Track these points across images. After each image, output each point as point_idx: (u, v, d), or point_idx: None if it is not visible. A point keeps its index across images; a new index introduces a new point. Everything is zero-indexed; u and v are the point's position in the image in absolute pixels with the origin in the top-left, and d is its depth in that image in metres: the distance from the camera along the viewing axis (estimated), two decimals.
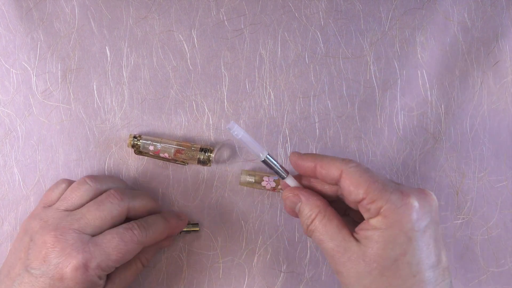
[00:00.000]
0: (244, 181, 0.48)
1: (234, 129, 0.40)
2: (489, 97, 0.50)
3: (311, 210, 0.40)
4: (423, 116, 0.50)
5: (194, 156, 0.48)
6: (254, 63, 0.50)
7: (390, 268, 0.37)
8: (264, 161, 0.41)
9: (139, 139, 0.48)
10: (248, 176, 0.48)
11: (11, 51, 0.49)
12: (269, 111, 0.50)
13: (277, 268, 0.49)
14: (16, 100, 0.49)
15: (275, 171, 0.41)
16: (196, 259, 0.49)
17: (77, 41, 0.49)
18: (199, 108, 0.50)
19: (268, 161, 0.41)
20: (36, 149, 0.49)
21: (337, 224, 0.39)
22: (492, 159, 0.50)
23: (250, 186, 0.48)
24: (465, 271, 0.50)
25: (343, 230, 0.39)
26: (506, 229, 0.50)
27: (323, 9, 0.50)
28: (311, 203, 0.41)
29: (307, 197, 0.41)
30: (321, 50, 0.50)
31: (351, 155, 0.50)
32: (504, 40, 0.50)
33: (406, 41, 0.50)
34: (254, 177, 0.48)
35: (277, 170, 0.41)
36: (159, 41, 0.49)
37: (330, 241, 0.39)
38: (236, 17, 0.50)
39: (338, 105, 0.50)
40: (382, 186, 0.38)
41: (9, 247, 0.49)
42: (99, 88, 0.49)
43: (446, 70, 0.50)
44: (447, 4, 0.49)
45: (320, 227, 0.40)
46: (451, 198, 0.50)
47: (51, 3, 0.49)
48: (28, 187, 0.49)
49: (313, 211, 0.40)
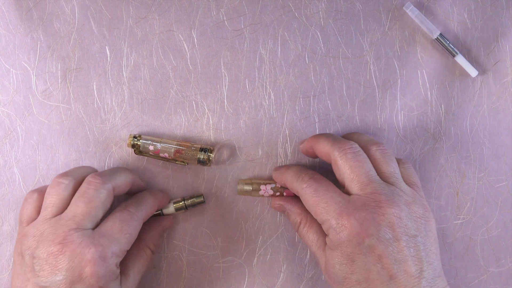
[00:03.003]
0: (241, 190, 0.48)
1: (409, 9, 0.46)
2: (489, 97, 0.50)
3: (295, 218, 0.46)
4: (423, 116, 0.50)
5: (194, 156, 0.48)
6: (254, 63, 0.50)
7: (343, 284, 0.40)
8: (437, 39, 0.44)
9: (139, 139, 0.48)
10: (245, 185, 0.48)
11: (11, 51, 0.49)
12: (269, 111, 0.50)
13: (277, 268, 0.49)
14: (16, 100, 0.49)
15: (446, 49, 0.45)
16: (196, 259, 0.49)
17: (77, 41, 0.49)
18: (199, 108, 0.50)
19: None
20: (36, 149, 0.49)
21: (315, 231, 0.44)
22: (492, 159, 0.50)
23: (248, 195, 0.48)
24: (465, 271, 0.50)
25: (320, 239, 0.43)
26: (506, 229, 0.50)
27: (323, 9, 0.50)
28: (294, 212, 0.46)
29: (290, 207, 0.46)
30: (321, 50, 0.50)
31: None
32: (504, 40, 0.50)
33: (406, 41, 0.50)
34: (251, 186, 0.48)
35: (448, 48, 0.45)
36: (159, 41, 0.49)
37: (311, 246, 0.44)
38: (236, 17, 0.50)
39: (338, 105, 0.50)
40: (326, 208, 0.40)
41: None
42: (99, 88, 0.49)
43: (446, 70, 0.50)
44: (447, 4, 0.50)
45: (303, 233, 0.45)
46: (451, 198, 0.50)
47: (51, 3, 0.49)
48: (28, 187, 0.49)
49: (297, 219, 0.45)
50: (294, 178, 0.44)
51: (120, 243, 0.41)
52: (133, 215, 0.43)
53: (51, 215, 0.42)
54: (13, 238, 0.49)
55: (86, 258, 0.39)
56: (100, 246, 0.40)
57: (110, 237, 0.41)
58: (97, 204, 0.42)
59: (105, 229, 0.41)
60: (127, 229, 0.42)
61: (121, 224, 0.42)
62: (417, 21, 0.49)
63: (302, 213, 0.45)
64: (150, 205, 0.46)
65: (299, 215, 0.45)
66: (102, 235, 0.41)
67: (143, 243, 0.46)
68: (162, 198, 0.48)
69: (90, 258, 0.39)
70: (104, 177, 0.43)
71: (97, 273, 0.39)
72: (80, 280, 0.39)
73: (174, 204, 0.48)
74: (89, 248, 0.39)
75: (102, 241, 0.40)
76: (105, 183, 0.43)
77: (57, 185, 0.43)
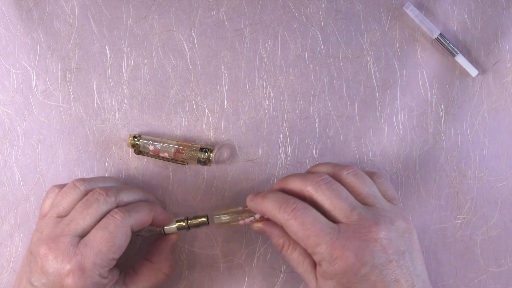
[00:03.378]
0: (219, 223, 0.45)
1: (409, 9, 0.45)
2: (489, 97, 0.50)
3: (278, 241, 0.44)
4: (423, 116, 0.50)
5: (194, 156, 0.48)
6: (254, 63, 0.50)
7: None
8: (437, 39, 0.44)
9: (139, 138, 0.48)
10: (222, 216, 0.45)
11: (11, 51, 0.49)
12: (269, 111, 0.50)
13: (277, 268, 0.49)
14: (16, 100, 0.49)
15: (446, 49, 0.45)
16: (196, 259, 0.49)
17: (77, 41, 0.49)
18: (199, 108, 0.50)
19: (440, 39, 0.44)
20: (36, 149, 0.49)
21: (300, 253, 0.42)
22: (492, 159, 0.50)
23: (227, 226, 0.46)
24: (465, 271, 0.50)
25: (306, 260, 0.42)
26: (506, 229, 0.50)
27: (323, 9, 0.50)
28: (276, 235, 0.44)
29: (271, 231, 0.44)
30: (321, 50, 0.50)
31: (351, 155, 0.50)
32: (504, 40, 0.50)
33: (406, 41, 0.50)
34: (228, 216, 0.45)
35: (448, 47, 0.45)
36: (159, 41, 0.49)
37: (297, 268, 0.43)
38: (236, 17, 0.50)
39: (338, 105, 0.50)
40: (317, 241, 0.39)
41: (9, 249, 0.49)
42: (99, 88, 0.49)
43: (446, 70, 0.50)
44: (447, 4, 0.50)
45: (287, 255, 0.43)
46: (451, 198, 0.50)
47: (51, 3, 0.49)
48: (28, 187, 0.49)
49: (280, 242, 0.44)
50: (275, 208, 0.41)
51: (101, 253, 0.40)
52: (119, 222, 0.41)
53: (56, 215, 0.42)
54: (13, 238, 0.49)
55: (66, 268, 0.39)
56: (80, 257, 0.39)
57: (93, 247, 0.40)
58: (96, 215, 0.41)
59: (89, 238, 0.40)
60: (109, 238, 0.40)
61: (104, 233, 0.40)
62: (417, 21, 0.49)
63: (284, 236, 0.43)
64: (142, 213, 0.43)
65: (281, 237, 0.43)
66: (85, 244, 0.40)
67: (154, 266, 0.45)
68: (160, 212, 0.45)
69: (69, 268, 0.39)
70: (109, 191, 0.43)
71: (76, 283, 0.39)
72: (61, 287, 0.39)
73: (177, 223, 0.46)
74: (69, 258, 0.39)
75: (84, 251, 0.40)
76: (109, 196, 0.42)
77: (72, 187, 0.43)
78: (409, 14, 0.49)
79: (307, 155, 0.50)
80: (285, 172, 0.50)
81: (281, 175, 0.50)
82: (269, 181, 0.50)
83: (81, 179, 0.44)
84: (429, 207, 0.50)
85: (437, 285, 0.49)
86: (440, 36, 0.48)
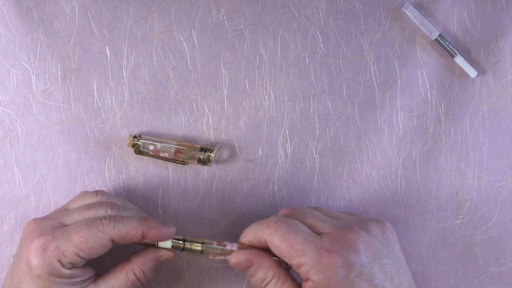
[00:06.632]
0: (191, 252, 0.43)
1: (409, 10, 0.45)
2: (488, 97, 0.50)
3: (266, 274, 0.41)
4: (423, 116, 0.50)
5: (194, 155, 0.48)
6: (254, 63, 0.50)
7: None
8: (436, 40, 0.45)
9: (139, 138, 0.48)
10: (195, 246, 0.43)
11: (11, 51, 0.49)
12: (269, 111, 0.50)
13: None
14: (16, 100, 0.49)
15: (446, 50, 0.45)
16: (196, 259, 0.49)
17: (77, 41, 0.49)
18: (199, 108, 0.50)
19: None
20: (36, 149, 0.49)
21: (289, 285, 0.41)
22: (492, 159, 0.50)
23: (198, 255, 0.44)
24: (464, 271, 0.50)
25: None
26: (506, 229, 0.50)
27: (323, 9, 0.50)
28: (265, 266, 0.41)
29: (259, 261, 0.41)
30: (321, 50, 0.50)
31: (351, 155, 0.50)
32: (504, 40, 0.50)
33: (406, 41, 0.50)
34: (200, 247, 0.43)
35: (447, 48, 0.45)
36: (159, 41, 0.49)
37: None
38: (236, 17, 0.50)
39: (338, 105, 0.50)
40: (303, 250, 0.39)
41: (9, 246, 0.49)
42: (99, 88, 0.49)
43: (446, 70, 0.50)
44: (447, 4, 0.50)
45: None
46: (451, 198, 0.50)
47: (51, 3, 0.49)
48: (28, 187, 0.49)
49: (268, 274, 0.41)
50: (258, 226, 0.41)
51: (70, 242, 0.39)
52: (102, 227, 0.40)
53: (64, 207, 0.44)
54: (13, 238, 0.49)
55: (34, 242, 0.40)
56: (51, 237, 0.39)
57: (66, 233, 0.40)
58: (92, 215, 0.42)
59: (69, 227, 0.40)
60: (85, 235, 0.39)
61: (83, 228, 0.40)
62: (416, 22, 0.49)
63: (274, 267, 0.41)
64: (130, 226, 0.41)
65: (271, 269, 0.41)
66: (63, 230, 0.40)
67: (129, 265, 0.43)
68: (154, 225, 0.42)
69: (36, 243, 0.39)
70: (115, 207, 0.43)
71: (36, 261, 0.39)
72: (27, 263, 0.39)
73: (173, 240, 0.43)
74: (41, 235, 0.40)
75: (57, 234, 0.40)
76: (112, 210, 0.42)
77: (94, 194, 0.45)
78: (408, 15, 0.49)
79: (307, 155, 0.50)
80: (285, 172, 0.50)
81: (281, 175, 0.50)
82: (269, 181, 0.50)
83: (102, 193, 0.45)
84: (429, 207, 0.50)
85: (437, 285, 0.50)
86: (439, 37, 0.48)
